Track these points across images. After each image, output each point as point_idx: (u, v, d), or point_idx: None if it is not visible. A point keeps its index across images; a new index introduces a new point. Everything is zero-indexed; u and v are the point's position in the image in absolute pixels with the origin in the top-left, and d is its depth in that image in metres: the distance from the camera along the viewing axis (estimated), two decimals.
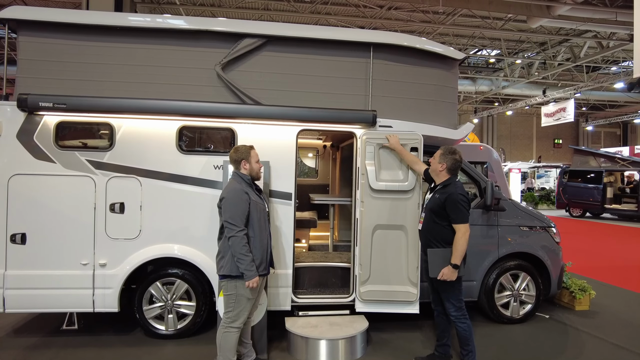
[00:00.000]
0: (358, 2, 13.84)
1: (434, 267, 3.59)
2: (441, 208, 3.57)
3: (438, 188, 3.70)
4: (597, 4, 12.58)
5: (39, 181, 4.06)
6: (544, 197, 21.23)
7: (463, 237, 3.50)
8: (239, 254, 3.26)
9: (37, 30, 4.10)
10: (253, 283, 3.31)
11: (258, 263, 3.39)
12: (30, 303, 4.09)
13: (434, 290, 3.84)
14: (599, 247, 10.41)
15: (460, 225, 3.51)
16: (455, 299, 3.65)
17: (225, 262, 3.36)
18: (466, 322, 3.65)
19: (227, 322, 3.43)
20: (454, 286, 3.62)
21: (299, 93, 4.45)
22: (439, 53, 4.66)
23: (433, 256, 3.60)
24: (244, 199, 3.35)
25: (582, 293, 5.46)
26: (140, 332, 4.46)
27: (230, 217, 3.29)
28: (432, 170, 3.78)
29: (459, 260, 3.51)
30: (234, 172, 3.56)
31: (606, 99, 25.86)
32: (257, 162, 3.60)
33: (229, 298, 3.42)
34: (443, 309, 3.81)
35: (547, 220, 5.22)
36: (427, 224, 3.71)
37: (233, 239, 3.28)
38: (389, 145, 4.30)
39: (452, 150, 3.70)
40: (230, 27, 4.34)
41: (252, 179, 3.58)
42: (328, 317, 4.44)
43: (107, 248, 4.15)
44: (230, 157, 3.54)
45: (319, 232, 6.36)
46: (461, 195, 3.55)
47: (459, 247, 3.50)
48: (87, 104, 4.00)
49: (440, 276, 3.53)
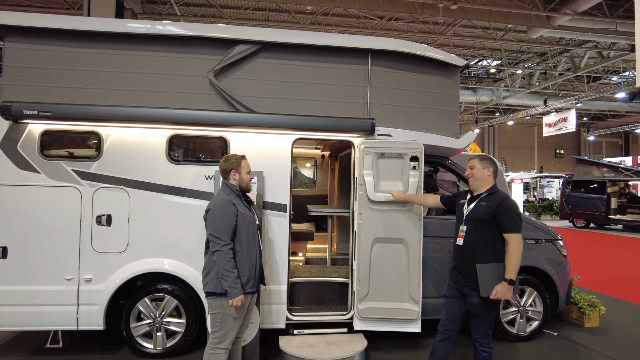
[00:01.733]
0: (358, 13, 13.83)
1: (486, 285, 3.19)
2: (491, 216, 3.25)
3: (484, 196, 3.37)
4: (597, 15, 12.52)
5: (22, 192, 3.88)
6: (546, 208, 20.98)
7: (517, 249, 3.17)
8: (223, 269, 3.05)
9: (23, 37, 3.97)
10: (237, 302, 3.07)
11: (245, 280, 3.17)
12: (12, 320, 3.89)
13: (453, 311, 3.45)
14: (606, 259, 10.15)
15: (514, 235, 3.20)
16: (487, 326, 3.33)
17: (211, 278, 3.15)
18: (489, 351, 3.33)
19: (213, 343, 3.20)
20: (492, 311, 3.31)
21: (295, 101, 4.30)
22: (439, 60, 4.52)
23: (483, 273, 3.21)
24: (230, 210, 3.15)
25: (591, 309, 5.23)
26: (127, 351, 4.24)
27: (215, 231, 3.09)
28: (477, 179, 3.43)
29: (514, 274, 3.15)
30: (223, 182, 3.37)
31: (607, 108, 25.76)
32: (247, 172, 3.41)
33: (215, 317, 3.20)
34: (453, 334, 3.46)
35: (554, 232, 5.02)
36: (472, 236, 3.33)
37: (217, 254, 3.07)
38: (393, 199, 4.12)
39: (488, 156, 3.53)
40: (223, 33, 4.21)
41: (242, 190, 3.40)
42: (325, 336, 4.22)
43: (93, 262, 3.96)
44: (220, 166, 3.36)
45: (316, 245, 6.16)
46: (514, 203, 3.31)
47: (514, 260, 3.15)
48: (74, 112, 3.84)
49: (493, 295, 3.14)
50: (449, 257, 4.53)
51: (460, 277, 3.40)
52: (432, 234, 4.52)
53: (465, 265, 3.36)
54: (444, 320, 3.50)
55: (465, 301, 3.37)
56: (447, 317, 3.48)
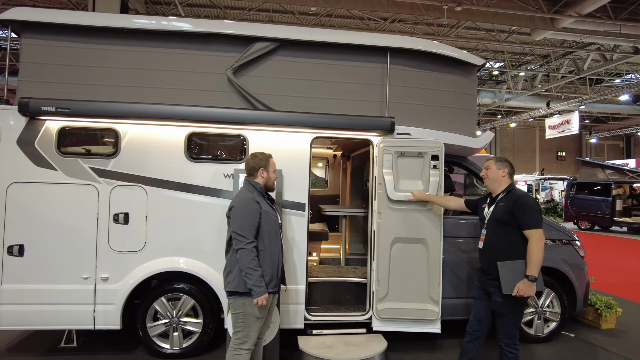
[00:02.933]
0: (362, 14, 13.82)
1: (507, 283, 3.13)
2: (509, 215, 3.22)
3: (501, 196, 3.36)
4: (601, 17, 12.54)
5: (39, 189, 3.84)
6: (550, 210, 20.96)
7: (538, 244, 3.10)
8: (247, 268, 2.98)
9: (41, 33, 3.94)
10: (262, 300, 3.00)
11: (268, 279, 3.09)
12: (27, 319, 3.84)
13: (480, 312, 3.42)
14: (615, 262, 10.11)
15: (534, 231, 3.14)
16: (513, 327, 3.28)
17: (233, 277, 3.08)
18: (515, 352, 3.27)
19: (236, 344, 3.13)
20: (518, 311, 3.26)
21: (313, 99, 4.27)
22: (457, 59, 4.49)
23: (504, 270, 3.16)
24: (254, 208, 3.08)
25: (608, 310, 5.18)
26: (143, 351, 4.18)
27: (239, 228, 3.02)
28: (492, 180, 3.43)
29: (536, 271, 3.08)
30: (246, 179, 3.30)
31: (609, 111, 25.81)
32: (274, 171, 3.36)
33: (237, 317, 3.12)
34: (481, 335, 3.42)
35: (571, 233, 4.99)
36: (492, 238, 3.32)
37: (241, 252, 3.00)
38: (414, 199, 4.08)
39: (504, 158, 3.55)
40: (242, 31, 4.18)
41: (267, 189, 3.34)
42: (343, 337, 4.17)
43: (110, 261, 3.91)
44: (247, 163, 3.29)
45: (329, 245, 6.12)
46: (531, 198, 3.28)
47: (535, 256, 3.09)
48: (92, 109, 3.80)
49: (515, 292, 3.09)
50: (466, 258, 4.50)
51: (484, 277, 3.38)
52: (449, 234, 4.48)
53: (488, 265, 3.35)
54: (472, 321, 3.48)
55: (491, 301, 3.34)
56: (475, 318, 3.46)
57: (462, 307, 4.47)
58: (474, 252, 4.42)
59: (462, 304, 4.46)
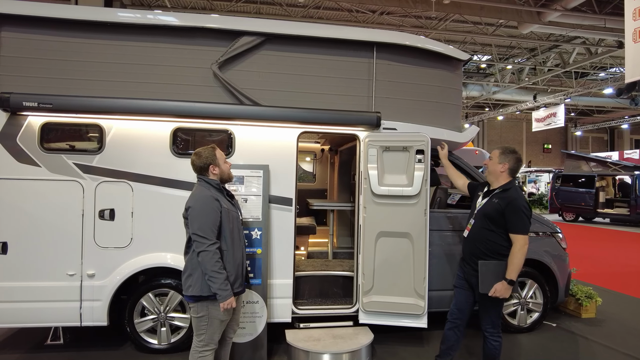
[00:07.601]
0: (350, 6, 13.76)
1: (486, 282, 3.21)
2: (500, 214, 3.23)
3: (497, 192, 3.33)
4: (587, 11, 12.69)
5: (22, 186, 3.79)
6: (536, 202, 21.30)
7: (521, 250, 3.15)
8: (210, 271, 2.81)
9: (22, 26, 3.85)
10: (228, 304, 2.87)
11: (232, 279, 2.95)
12: (12, 317, 3.80)
13: (461, 301, 3.50)
14: (597, 252, 10.36)
15: (519, 236, 3.17)
16: (495, 315, 3.36)
17: (194, 281, 2.89)
18: (499, 340, 3.36)
19: (200, 346, 2.97)
20: (500, 302, 3.32)
21: (300, 94, 4.26)
22: (443, 53, 4.53)
23: (485, 269, 3.23)
24: (214, 207, 2.91)
25: (588, 300, 5.33)
26: (130, 347, 4.19)
27: (199, 229, 2.84)
28: (490, 172, 3.42)
29: (515, 275, 3.16)
30: (199, 178, 3.08)
31: (594, 104, 26.20)
32: (224, 162, 3.15)
33: (200, 320, 2.95)
34: (462, 322, 3.51)
35: (553, 225, 5.09)
36: (478, 231, 3.35)
37: (203, 255, 2.82)
38: (440, 155, 4.18)
39: (512, 149, 3.41)
40: (227, 25, 4.14)
41: (223, 182, 3.15)
42: (331, 330, 4.23)
43: (96, 257, 3.88)
44: (193, 163, 3.06)
45: (316, 239, 6.15)
46: (525, 203, 3.27)
47: (516, 261, 3.15)
48: (75, 104, 3.74)
49: (492, 292, 3.17)
50: (454, 250, 4.57)
51: (467, 267, 3.44)
52: (437, 227, 4.54)
53: (469, 257, 3.41)
54: (453, 309, 3.55)
55: (473, 291, 3.41)
56: (456, 306, 3.54)
57: (449, 299, 4.52)
58: (460, 244, 4.48)
59: (448, 296, 4.53)
